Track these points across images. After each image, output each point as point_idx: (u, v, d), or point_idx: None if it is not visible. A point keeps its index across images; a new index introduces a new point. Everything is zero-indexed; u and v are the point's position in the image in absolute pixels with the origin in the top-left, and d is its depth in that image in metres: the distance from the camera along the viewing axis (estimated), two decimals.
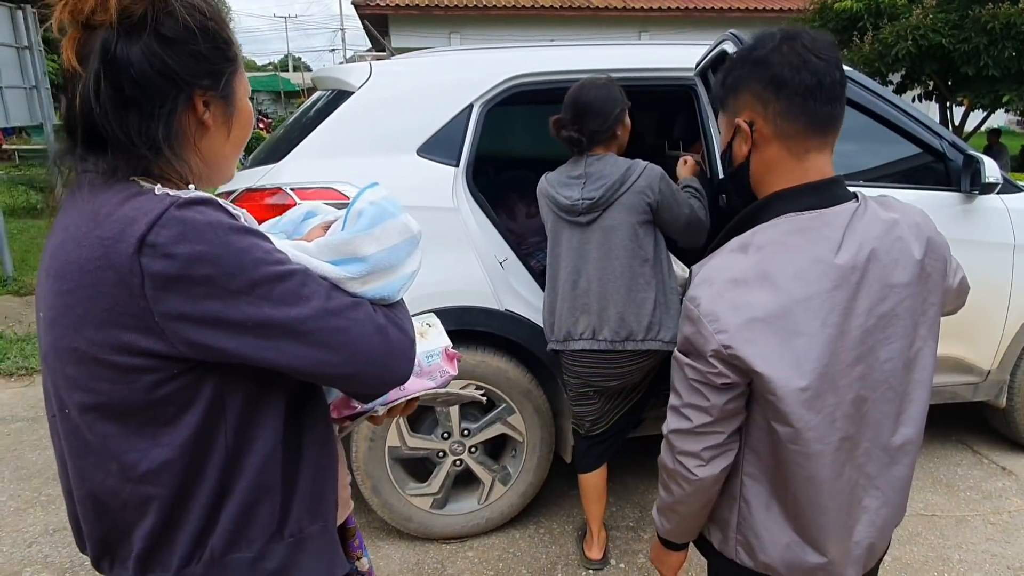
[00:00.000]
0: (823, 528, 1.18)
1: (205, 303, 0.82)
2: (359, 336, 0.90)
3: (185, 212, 0.81)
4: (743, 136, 1.21)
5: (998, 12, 9.22)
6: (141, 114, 0.86)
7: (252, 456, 0.92)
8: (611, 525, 2.89)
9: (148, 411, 0.87)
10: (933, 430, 3.71)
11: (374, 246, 0.95)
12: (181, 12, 0.87)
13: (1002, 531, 2.86)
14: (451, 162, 2.62)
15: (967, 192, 2.98)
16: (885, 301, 1.14)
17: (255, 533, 0.94)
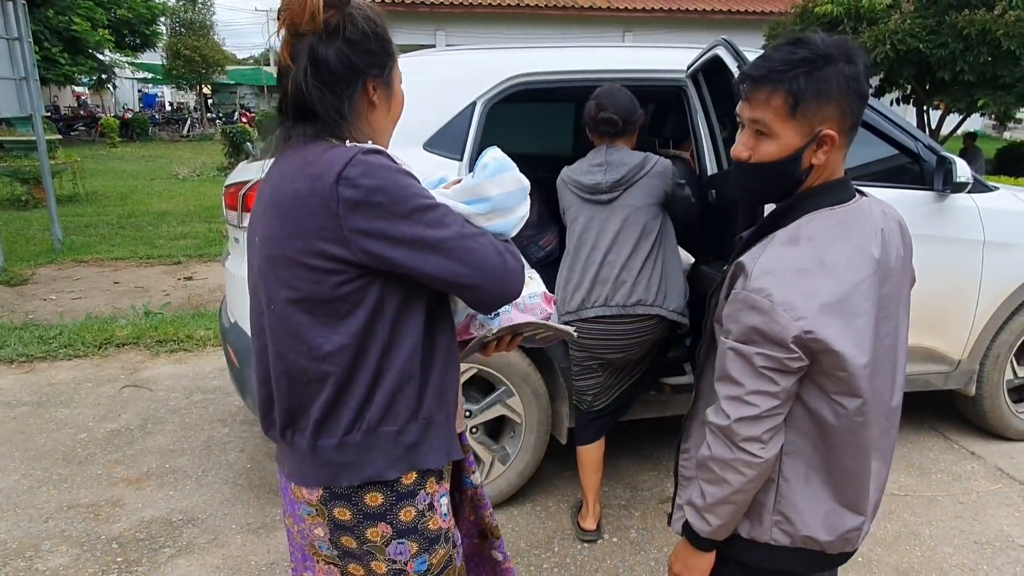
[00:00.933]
0: (863, 490, 1.31)
1: (377, 221, 1.11)
2: (485, 255, 1.18)
3: (368, 157, 1.12)
4: (825, 147, 1.25)
5: (974, 18, 9.46)
6: (333, 95, 1.19)
7: (401, 349, 1.20)
8: (604, 503, 3.05)
9: (332, 305, 1.16)
10: (907, 417, 3.90)
11: (496, 189, 1.24)
12: (360, 21, 1.19)
13: (970, 509, 3.05)
14: (455, 156, 2.76)
15: (940, 191, 3.16)
16: (886, 284, 1.28)
17: (400, 411, 1.21)
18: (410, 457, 1.23)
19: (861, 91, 1.23)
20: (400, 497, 1.24)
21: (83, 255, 7.86)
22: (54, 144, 12.20)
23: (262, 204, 1.23)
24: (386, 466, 1.21)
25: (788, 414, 1.28)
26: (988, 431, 3.67)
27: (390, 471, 1.21)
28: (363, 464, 1.20)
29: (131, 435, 3.69)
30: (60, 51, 19.89)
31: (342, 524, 1.24)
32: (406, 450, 1.22)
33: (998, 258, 3.30)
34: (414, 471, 1.24)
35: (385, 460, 1.21)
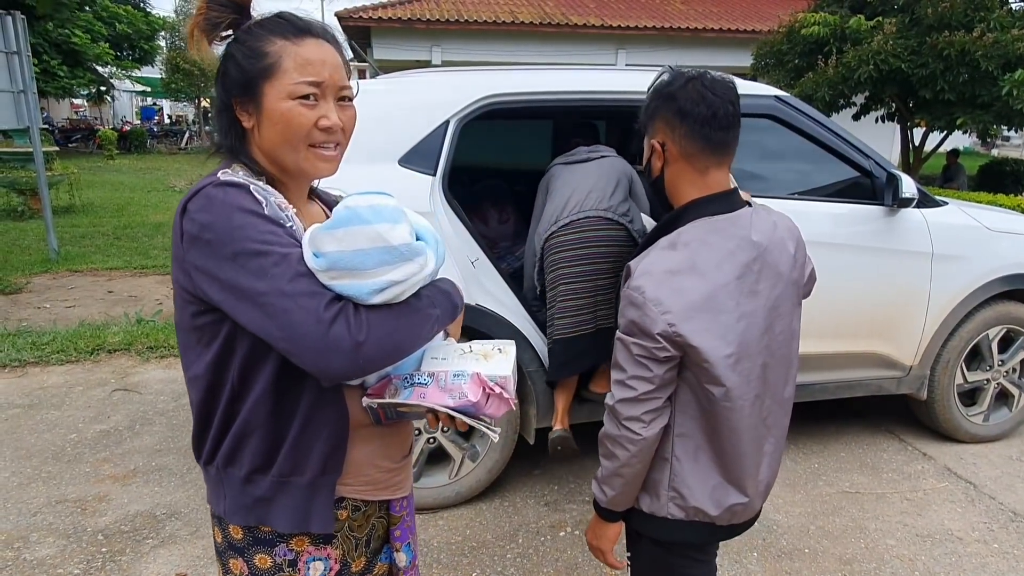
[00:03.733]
0: (743, 470, 1.49)
1: (206, 260, 1.06)
2: (299, 321, 1.02)
3: (215, 190, 1.08)
4: (657, 154, 1.52)
5: (953, 39, 9.71)
6: (217, 121, 1.22)
7: (249, 394, 1.14)
8: (569, 499, 3.21)
9: (192, 333, 1.16)
10: (863, 420, 4.08)
11: (333, 245, 1.03)
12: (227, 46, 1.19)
13: (916, 506, 3.21)
14: (429, 171, 2.93)
15: (889, 206, 3.35)
16: (777, 286, 1.47)
17: (245, 459, 1.17)
18: (259, 510, 1.18)
19: (681, 110, 1.45)
20: (257, 541, 1.22)
21: (78, 265, 8.00)
22: (51, 156, 12.38)
23: None
24: (232, 510, 1.20)
25: (679, 399, 1.47)
26: (940, 433, 3.83)
27: (235, 516, 1.20)
28: (218, 498, 1.22)
29: (119, 435, 3.84)
30: (59, 64, 20.15)
31: (217, 545, 1.28)
32: (255, 501, 1.18)
33: (946, 269, 3.48)
34: (268, 525, 1.20)
35: (231, 503, 1.19)
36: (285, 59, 1.14)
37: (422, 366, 1.21)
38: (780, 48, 12.37)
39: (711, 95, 1.45)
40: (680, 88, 1.47)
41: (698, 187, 1.49)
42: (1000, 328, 3.69)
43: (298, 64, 1.14)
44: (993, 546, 2.92)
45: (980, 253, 3.54)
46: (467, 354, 1.22)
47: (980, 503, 3.24)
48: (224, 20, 1.17)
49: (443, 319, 1.18)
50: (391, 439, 1.30)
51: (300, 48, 1.15)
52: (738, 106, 1.50)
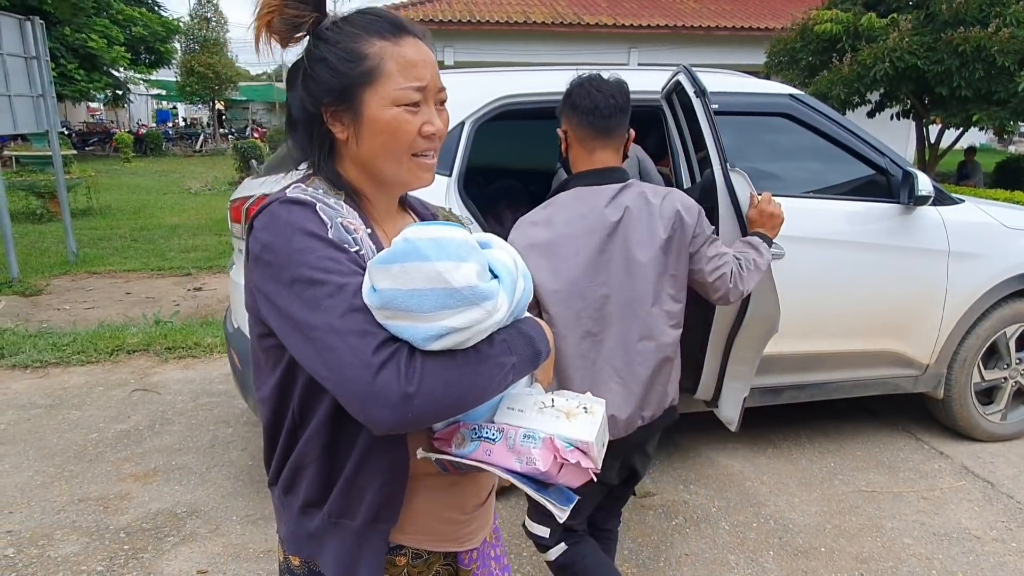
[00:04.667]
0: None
1: (266, 282, 0.99)
2: (344, 363, 0.91)
3: (280, 207, 1.00)
4: (562, 139, 1.94)
5: (969, 36, 9.63)
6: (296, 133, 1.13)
7: (308, 425, 1.07)
8: None
9: (260, 355, 1.10)
10: (879, 419, 4.07)
11: (387, 282, 0.91)
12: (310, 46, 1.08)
13: (933, 504, 3.20)
14: (444, 172, 2.95)
15: (905, 204, 3.34)
16: (635, 250, 1.77)
17: (301, 490, 1.10)
18: (312, 545, 1.11)
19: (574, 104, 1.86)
20: (312, 574, 1.14)
21: (96, 267, 8.10)
22: (69, 159, 12.52)
23: None
24: (288, 538, 1.14)
25: None
26: (957, 432, 3.81)
27: (290, 544, 1.13)
28: (280, 520, 1.17)
29: (140, 435, 3.88)
30: (76, 68, 20.37)
31: (279, 563, 1.22)
32: (308, 535, 1.11)
33: (963, 267, 3.47)
34: (316, 562, 1.12)
35: (288, 531, 1.13)
36: (387, 62, 1.03)
37: (496, 416, 1.07)
38: (793, 46, 12.31)
39: (595, 92, 1.82)
40: (575, 88, 1.87)
41: (586, 164, 1.86)
42: (1018, 326, 3.67)
43: (401, 67, 1.04)
44: (1011, 544, 2.91)
45: (997, 251, 3.53)
46: (546, 409, 1.07)
47: (998, 502, 3.23)
48: (306, 20, 1.05)
49: (521, 368, 1.03)
50: (463, 488, 1.17)
51: (401, 49, 1.04)
52: (622, 99, 1.85)
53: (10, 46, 7.30)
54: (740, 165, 2.48)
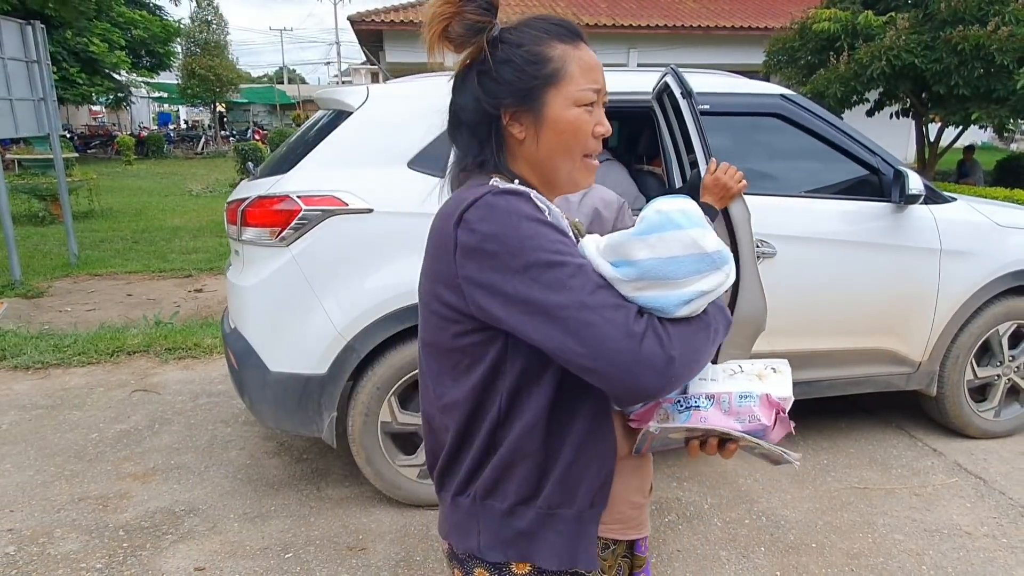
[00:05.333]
0: None
1: (489, 273, 0.98)
2: (607, 336, 0.93)
3: (496, 198, 1.00)
4: None
5: (968, 34, 9.63)
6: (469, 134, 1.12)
7: (518, 420, 1.05)
8: None
9: (451, 356, 1.08)
10: (873, 416, 4.09)
11: (645, 252, 0.97)
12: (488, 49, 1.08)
13: (925, 501, 3.23)
14: (438, 174, 2.97)
15: (897, 203, 3.36)
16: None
17: (510, 490, 1.07)
18: (521, 545, 1.08)
19: None
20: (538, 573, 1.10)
21: (98, 269, 8.14)
22: (70, 162, 12.59)
23: None
24: (489, 544, 1.09)
25: None
26: (951, 429, 3.84)
27: (492, 552, 1.09)
28: (469, 532, 1.11)
29: (139, 435, 3.92)
30: (78, 71, 20.48)
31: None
32: (516, 535, 1.08)
33: (954, 265, 3.50)
34: (528, 563, 1.09)
35: (489, 538, 1.09)
36: (570, 64, 1.08)
37: (690, 388, 1.11)
38: (792, 45, 12.32)
39: None
40: None
41: None
42: (1010, 324, 3.70)
43: (582, 69, 1.09)
44: (1002, 540, 2.93)
45: (989, 249, 3.55)
46: (738, 374, 1.13)
47: (990, 498, 3.25)
48: (486, 23, 1.06)
49: (720, 336, 1.08)
50: (643, 472, 1.22)
51: (580, 52, 1.09)
52: None
53: (11, 50, 7.35)
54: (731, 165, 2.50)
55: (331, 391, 2.93)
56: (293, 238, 2.83)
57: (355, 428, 3.01)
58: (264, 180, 3.01)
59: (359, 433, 3.01)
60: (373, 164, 2.96)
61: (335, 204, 2.83)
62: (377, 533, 2.99)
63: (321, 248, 2.85)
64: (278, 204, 2.84)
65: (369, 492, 3.25)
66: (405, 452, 3.15)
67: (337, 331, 2.87)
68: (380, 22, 17.09)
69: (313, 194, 2.84)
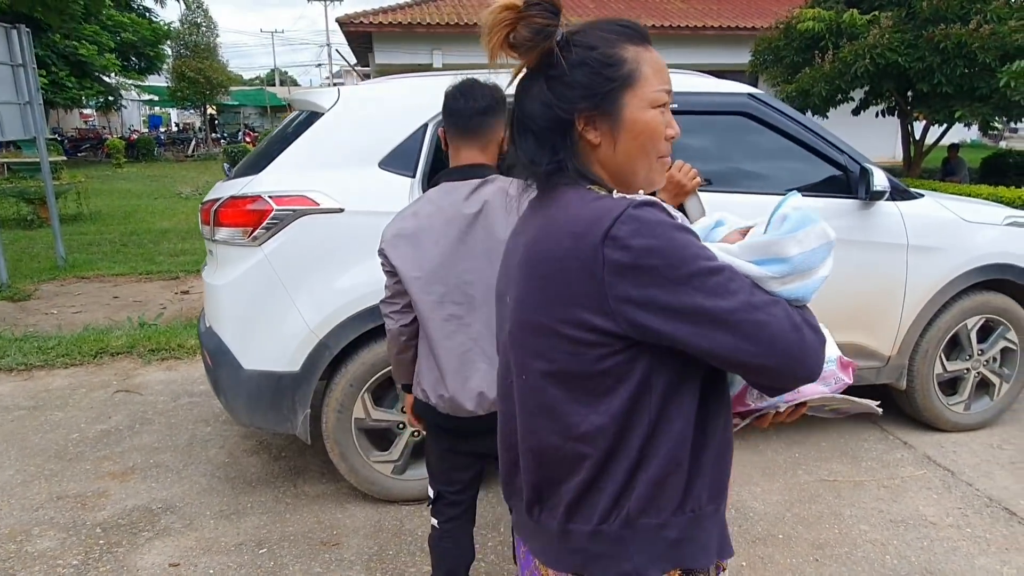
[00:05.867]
0: (443, 370, 1.92)
1: (649, 289, 0.95)
2: (778, 331, 0.97)
3: (639, 211, 0.97)
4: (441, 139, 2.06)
5: (950, 32, 9.72)
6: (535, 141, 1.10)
7: (668, 432, 1.03)
8: None
9: (591, 381, 1.03)
10: None
11: (796, 248, 1.03)
12: (559, 53, 1.05)
13: (892, 492, 3.28)
14: (408, 173, 3.02)
15: (863, 199, 3.41)
16: (491, 240, 1.86)
17: (664, 503, 1.05)
18: (673, 554, 1.07)
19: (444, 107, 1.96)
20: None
21: (85, 272, 8.16)
22: (58, 165, 12.59)
23: (514, 260, 1.12)
24: (646, 563, 1.06)
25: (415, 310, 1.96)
26: (922, 422, 3.89)
27: (650, 569, 1.06)
28: (619, 557, 1.06)
29: (120, 435, 3.95)
30: (67, 75, 20.46)
31: None
32: (668, 546, 1.06)
33: (922, 260, 3.55)
34: (678, 569, 1.08)
35: (644, 557, 1.06)
36: (644, 65, 1.07)
37: None
38: (777, 44, 12.40)
39: (460, 96, 1.95)
40: (446, 92, 1.99)
41: (454, 161, 1.99)
42: (978, 318, 3.75)
43: (654, 70, 1.08)
44: (966, 530, 2.99)
45: (956, 244, 3.61)
46: None
47: (957, 489, 3.31)
48: (553, 27, 1.04)
49: None
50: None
51: (650, 54, 1.08)
52: (485, 102, 1.92)
53: None
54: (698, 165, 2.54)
55: (304, 388, 2.97)
56: (265, 237, 2.87)
57: (329, 425, 3.05)
58: (237, 180, 3.05)
59: (333, 430, 3.05)
60: (344, 164, 3.00)
61: (306, 204, 2.87)
62: (351, 528, 3.03)
63: (293, 247, 2.89)
64: (250, 204, 2.88)
65: (345, 488, 3.29)
66: (379, 448, 3.19)
67: (310, 329, 2.91)
68: (369, 24, 17.12)
69: (284, 194, 2.88)
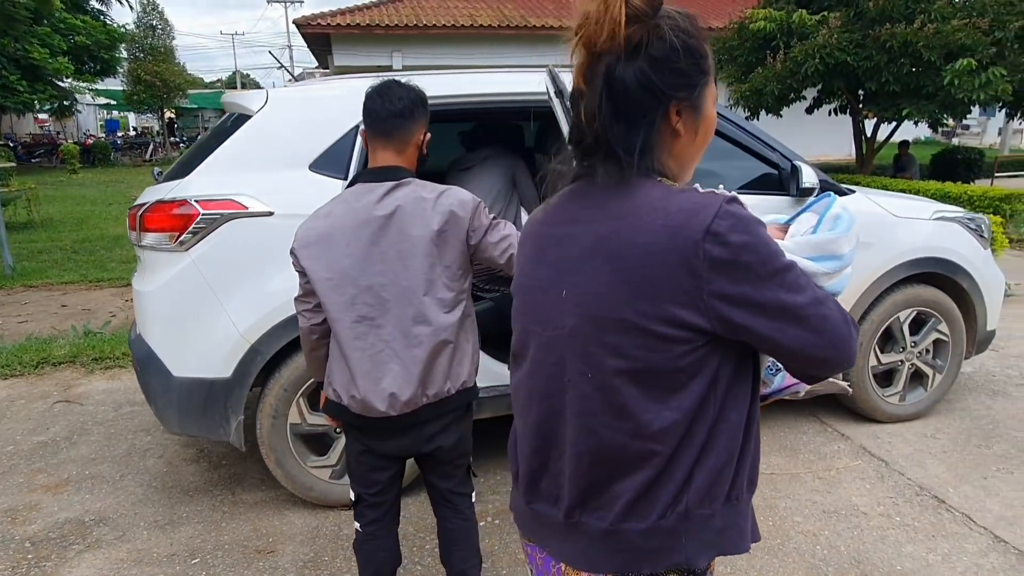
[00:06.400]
0: (353, 372, 1.92)
1: (741, 285, 0.97)
2: (837, 323, 1.02)
3: (732, 207, 0.98)
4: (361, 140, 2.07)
5: (895, 32, 9.91)
6: (628, 124, 1.02)
7: (727, 424, 1.05)
8: (494, 490, 3.30)
9: (668, 377, 1.01)
10: (787, 403, 4.20)
11: (848, 246, 1.13)
12: (668, 34, 1.00)
13: (827, 484, 3.34)
14: (340, 176, 3.00)
15: (795, 196, 3.47)
16: (404, 243, 1.88)
17: (717, 493, 1.06)
18: (718, 542, 1.08)
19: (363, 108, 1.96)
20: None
21: (33, 280, 7.97)
22: (8, 172, 12.29)
23: (573, 251, 1.07)
24: (696, 553, 1.07)
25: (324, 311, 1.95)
26: (860, 414, 3.97)
27: (700, 559, 1.08)
28: (671, 550, 1.06)
29: (56, 446, 3.87)
30: (18, 79, 19.96)
31: None
32: (715, 535, 1.07)
33: None
34: (717, 556, 1.12)
35: (695, 546, 1.07)
36: (711, 61, 1.07)
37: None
38: (732, 44, 12.55)
39: (377, 98, 1.95)
40: (366, 95, 1.98)
41: (371, 162, 1.98)
42: (910, 311, 3.84)
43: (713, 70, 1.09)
44: (896, 519, 3.05)
45: (886, 239, 3.68)
46: None
47: (889, 479, 3.38)
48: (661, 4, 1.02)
49: None
50: None
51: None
52: (401, 104, 1.93)
53: None
54: None
55: (237, 395, 2.94)
56: (192, 242, 2.83)
57: (264, 431, 3.01)
58: (164, 185, 3.01)
59: (268, 436, 3.01)
60: (274, 167, 2.97)
61: (234, 208, 2.84)
62: (288, 535, 3.00)
63: (221, 252, 2.85)
64: (176, 208, 2.84)
65: (284, 495, 3.26)
66: (316, 453, 3.16)
67: (240, 334, 2.88)
68: (327, 25, 16.97)
69: (211, 198, 2.84)
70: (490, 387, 3.29)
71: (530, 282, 1.14)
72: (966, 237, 3.90)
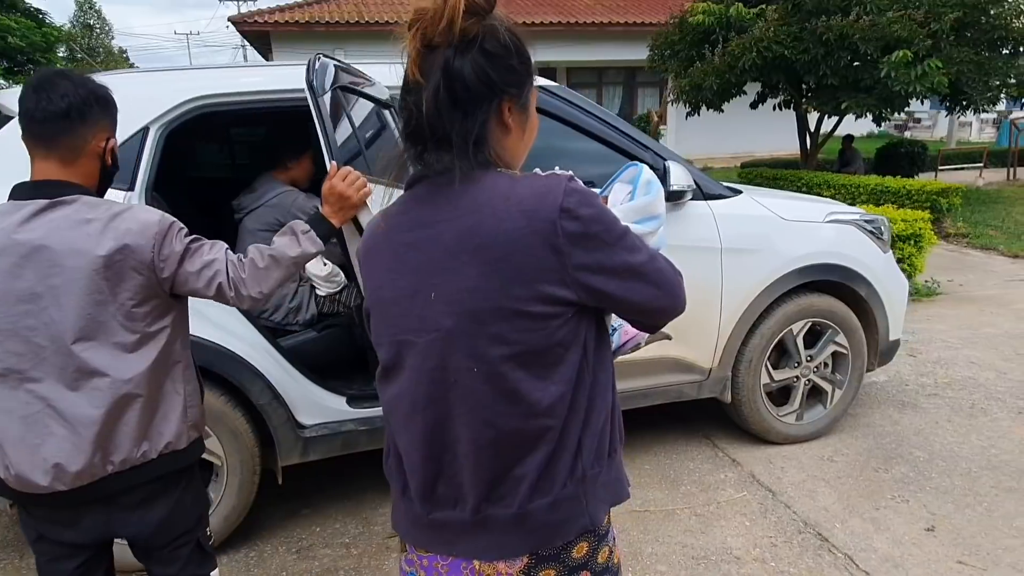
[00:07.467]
0: (0, 439, 1.52)
1: (595, 253, 1.04)
2: (671, 276, 1.14)
3: (575, 184, 1.04)
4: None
5: (832, 24, 9.70)
6: (465, 115, 1.04)
7: (600, 387, 1.13)
8: (327, 543, 2.91)
9: (548, 353, 1.06)
10: (684, 425, 3.85)
11: (662, 206, 1.40)
12: (502, 33, 1.06)
13: (703, 522, 2.98)
14: (123, 186, 2.57)
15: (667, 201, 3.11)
16: (56, 276, 1.47)
17: (602, 452, 1.14)
18: (609, 496, 1.16)
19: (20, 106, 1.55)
20: (600, 539, 1.17)
21: None
22: None
23: (436, 251, 1.06)
24: (597, 511, 1.14)
25: None
26: (755, 436, 3.63)
27: (600, 515, 1.15)
28: (578, 515, 1.12)
29: None
30: None
31: (589, 562, 1.17)
32: (605, 490, 1.15)
33: (737, 263, 3.28)
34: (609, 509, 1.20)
35: (596, 505, 1.14)
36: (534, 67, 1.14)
37: None
38: (672, 39, 12.30)
39: (33, 93, 1.52)
40: (22, 89, 1.55)
41: (32, 175, 1.56)
42: (804, 322, 3.50)
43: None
44: (770, 564, 2.70)
45: (774, 244, 3.35)
46: None
47: (773, 514, 3.03)
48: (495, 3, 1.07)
49: None
50: None
51: None
52: (65, 102, 1.52)
53: None
54: None
55: None
56: None
57: None
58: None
59: None
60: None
61: None
62: None
63: None
64: None
65: None
66: None
67: None
68: (264, 23, 16.44)
69: None
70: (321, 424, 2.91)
71: (390, 294, 1.13)
72: (863, 240, 3.58)
